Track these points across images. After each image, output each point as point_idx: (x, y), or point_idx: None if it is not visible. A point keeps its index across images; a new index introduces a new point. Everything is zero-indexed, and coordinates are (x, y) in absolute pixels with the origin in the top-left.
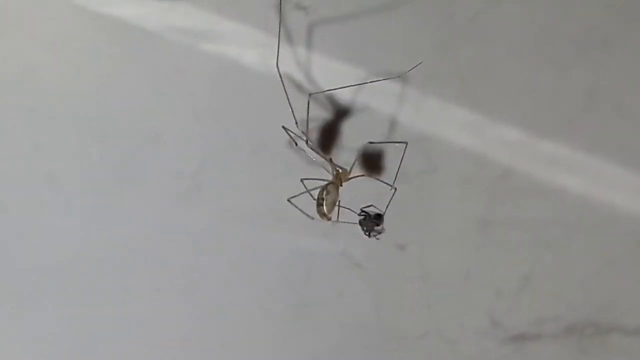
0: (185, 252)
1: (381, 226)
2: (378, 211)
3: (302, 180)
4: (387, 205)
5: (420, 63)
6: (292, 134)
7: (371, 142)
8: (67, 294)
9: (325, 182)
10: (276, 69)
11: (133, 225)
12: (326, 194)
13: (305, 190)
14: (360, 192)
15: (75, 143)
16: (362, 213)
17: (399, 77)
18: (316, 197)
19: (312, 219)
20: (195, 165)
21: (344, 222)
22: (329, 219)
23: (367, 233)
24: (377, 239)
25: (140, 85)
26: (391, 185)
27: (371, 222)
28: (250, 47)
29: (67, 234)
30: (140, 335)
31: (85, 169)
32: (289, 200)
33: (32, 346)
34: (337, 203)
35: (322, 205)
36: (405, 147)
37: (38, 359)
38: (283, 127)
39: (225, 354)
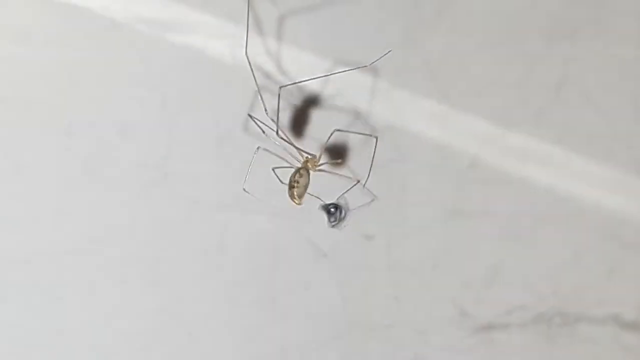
0: (152, 242)
1: (343, 216)
2: (338, 203)
3: (273, 169)
4: (343, 193)
5: (389, 52)
6: (260, 123)
7: (338, 130)
8: (34, 286)
9: (297, 168)
10: (245, 59)
11: (100, 216)
12: (298, 177)
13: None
14: (328, 182)
15: (41, 134)
16: (325, 205)
17: (366, 66)
18: (287, 181)
19: (283, 183)
20: (162, 155)
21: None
22: (300, 204)
23: (331, 223)
24: (340, 229)
25: (107, 75)
26: (357, 179)
27: (329, 212)
28: (218, 38)
29: (33, 225)
30: (106, 326)
31: (52, 160)
32: (273, 170)
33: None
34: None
35: (293, 188)
36: (376, 141)
37: (4, 352)
38: (249, 115)
39: (192, 345)
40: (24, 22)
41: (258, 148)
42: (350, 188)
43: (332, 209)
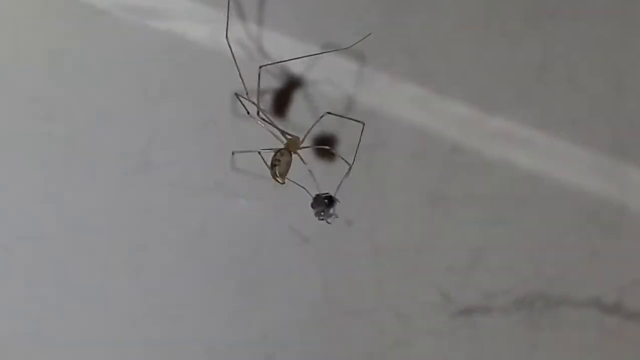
0: (134, 228)
1: (332, 210)
2: (330, 194)
3: (259, 152)
4: (339, 186)
5: (368, 35)
6: (245, 101)
7: (330, 113)
8: (14, 271)
9: (279, 148)
10: (225, 43)
11: (82, 202)
12: (280, 156)
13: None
14: (312, 168)
15: (23, 120)
16: (319, 197)
17: (346, 49)
18: (270, 160)
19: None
20: (145, 141)
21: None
22: (282, 182)
23: (318, 216)
24: (329, 222)
25: (89, 62)
26: (347, 163)
27: (323, 205)
28: (199, 23)
29: (15, 212)
30: (88, 312)
31: (34, 146)
32: (259, 153)
33: None
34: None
35: (275, 166)
36: (363, 127)
37: None
38: (235, 94)
39: (174, 330)
40: (5, 8)
41: (248, 113)
42: (345, 177)
43: (327, 202)
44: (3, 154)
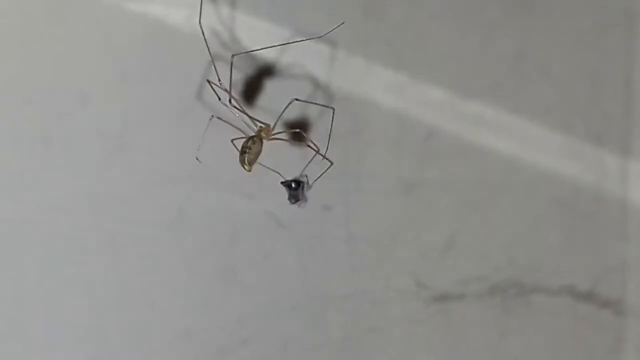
0: (111, 213)
1: (303, 193)
2: (300, 179)
3: (232, 140)
4: (303, 168)
5: (342, 23)
6: (217, 88)
7: (297, 99)
8: None
9: (250, 135)
10: (199, 27)
11: (58, 186)
12: (251, 144)
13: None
14: (285, 154)
15: None
16: (286, 181)
17: (321, 37)
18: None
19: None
20: (121, 126)
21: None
22: (250, 171)
23: (290, 200)
24: (301, 207)
25: (65, 45)
26: (316, 149)
27: (293, 189)
28: (176, 7)
29: None
30: (65, 297)
31: (9, 130)
32: (232, 142)
33: None
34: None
35: (245, 154)
36: (333, 113)
37: None
38: (208, 80)
39: (150, 315)
40: None
41: (212, 117)
42: (311, 160)
43: (294, 185)
44: None
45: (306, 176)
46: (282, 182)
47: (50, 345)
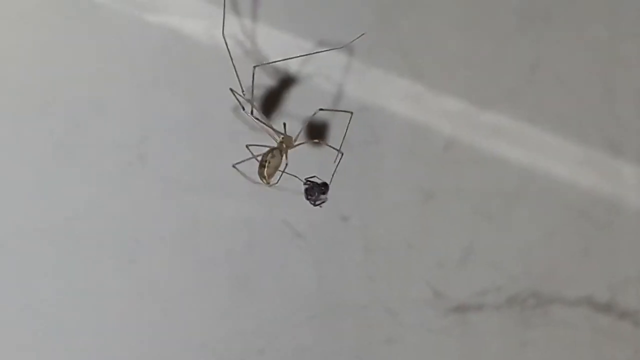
0: (127, 222)
1: (326, 195)
2: (324, 180)
3: (247, 146)
4: (334, 172)
5: (362, 34)
6: (240, 97)
7: (322, 109)
8: (10, 266)
9: (271, 147)
10: (221, 39)
11: (76, 196)
12: (270, 157)
13: (251, 156)
14: (304, 162)
15: (18, 113)
16: (308, 182)
17: (341, 47)
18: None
19: (254, 183)
20: (139, 135)
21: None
22: (269, 183)
23: (312, 202)
24: (320, 206)
25: (84, 55)
26: (338, 150)
27: (318, 190)
28: (194, 18)
29: (7, 205)
30: (82, 306)
31: (27, 139)
32: (234, 166)
33: None
34: (282, 169)
35: (264, 167)
36: (351, 116)
37: None
38: (231, 89)
39: (167, 324)
40: (0, 1)
41: (244, 109)
42: (338, 163)
43: (313, 186)
44: None
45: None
46: (306, 180)
47: (66, 354)
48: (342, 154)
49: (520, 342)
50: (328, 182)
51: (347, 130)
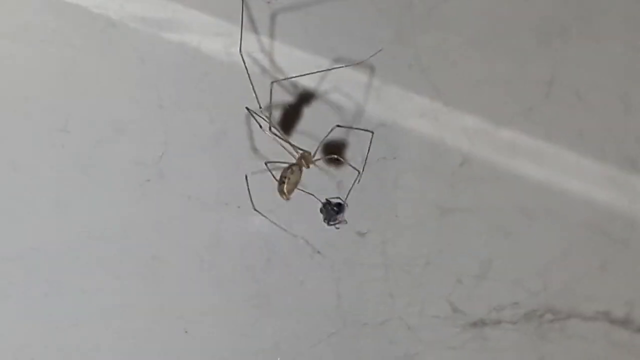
0: (148, 239)
1: (342, 215)
2: (339, 201)
3: (266, 163)
4: (349, 192)
5: (380, 50)
6: (257, 115)
7: (339, 126)
8: (31, 283)
9: (290, 164)
10: (239, 56)
11: (96, 214)
12: (290, 173)
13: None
14: (322, 180)
15: (38, 132)
16: (326, 201)
17: (359, 64)
18: (279, 176)
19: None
20: (158, 153)
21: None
22: (288, 199)
23: (327, 222)
24: (337, 228)
25: (103, 74)
26: (355, 168)
27: (332, 210)
28: (212, 36)
29: (29, 223)
30: (102, 323)
31: (49, 157)
32: (266, 164)
33: None
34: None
35: (283, 183)
36: (372, 136)
37: (1, 348)
38: (247, 108)
39: (187, 341)
40: (21, 21)
41: (261, 126)
42: (354, 183)
43: (336, 208)
44: (18, 164)
45: (340, 199)
46: (323, 204)
47: None
48: (360, 173)
49: (538, 357)
50: (343, 202)
51: (369, 151)
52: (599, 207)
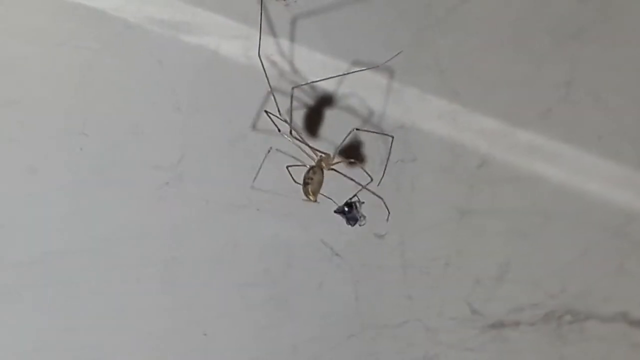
0: (166, 243)
1: (359, 213)
2: (350, 201)
3: (287, 167)
4: (357, 192)
5: (399, 52)
6: (275, 119)
7: (357, 129)
8: (49, 287)
9: (311, 166)
10: (257, 59)
11: (114, 217)
12: (312, 174)
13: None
14: (340, 182)
15: (56, 135)
16: (339, 208)
17: (378, 67)
18: (302, 178)
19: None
20: (176, 156)
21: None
22: (315, 200)
23: (352, 223)
24: (361, 225)
25: (120, 77)
26: (370, 176)
27: (356, 212)
28: (231, 39)
29: (48, 226)
30: (121, 326)
31: (66, 161)
32: (287, 168)
33: (13, 339)
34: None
35: (307, 185)
36: (392, 140)
37: (20, 352)
38: (266, 111)
39: (206, 344)
40: (38, 23)
41: (270, 149)
42: (365, 186)
43: (347, 209)
44: (36, 168)
45: (357, 197)
46: (335, 211)
47: None
48: (379, 178)
49: (557, 359)
50: (354, 202)
51: (389, 156)
52: (617, 208)
